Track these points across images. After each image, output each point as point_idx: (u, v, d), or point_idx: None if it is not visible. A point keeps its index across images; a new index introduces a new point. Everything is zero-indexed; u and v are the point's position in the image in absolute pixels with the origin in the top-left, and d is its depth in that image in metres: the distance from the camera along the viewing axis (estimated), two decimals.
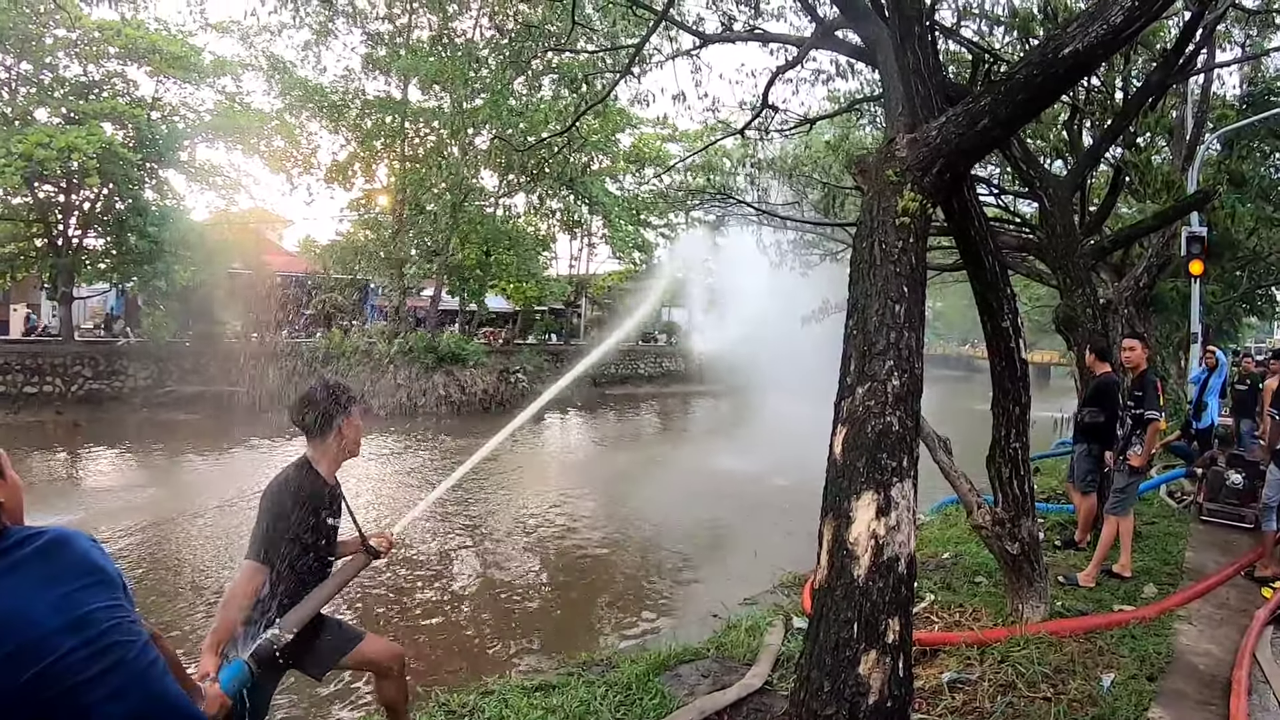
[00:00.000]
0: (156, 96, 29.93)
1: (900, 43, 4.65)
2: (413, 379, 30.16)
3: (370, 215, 36.20)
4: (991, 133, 4.15)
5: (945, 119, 4.17)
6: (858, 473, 3.36)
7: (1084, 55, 3.83)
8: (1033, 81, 3.96)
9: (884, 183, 4.07)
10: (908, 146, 4.16)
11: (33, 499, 8.77)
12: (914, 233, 3.89)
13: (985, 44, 10.00)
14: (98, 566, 1.83)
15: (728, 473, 18.41)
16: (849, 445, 3.44)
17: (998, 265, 4.99)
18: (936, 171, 4.09)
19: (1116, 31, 3.80)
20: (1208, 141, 14.52)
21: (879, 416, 3.40)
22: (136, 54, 27.69)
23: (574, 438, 28.50)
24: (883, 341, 3.54)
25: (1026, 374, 5.26)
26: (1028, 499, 5.45)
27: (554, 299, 44.75)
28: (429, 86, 31.00)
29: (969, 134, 4.06)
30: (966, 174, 4.76)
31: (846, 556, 3.29)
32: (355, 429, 3.66)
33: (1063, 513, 9.48)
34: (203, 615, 9.19)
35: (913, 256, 3.82)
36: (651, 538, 13.40)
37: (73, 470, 19.54)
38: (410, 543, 12.45)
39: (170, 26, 29.23)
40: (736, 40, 8.07)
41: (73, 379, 26.99)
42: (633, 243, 42.54)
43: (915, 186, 4.01)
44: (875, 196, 4.05)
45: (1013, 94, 4.00)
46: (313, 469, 3.57)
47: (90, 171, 24.51)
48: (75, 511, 14.10)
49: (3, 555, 1.73)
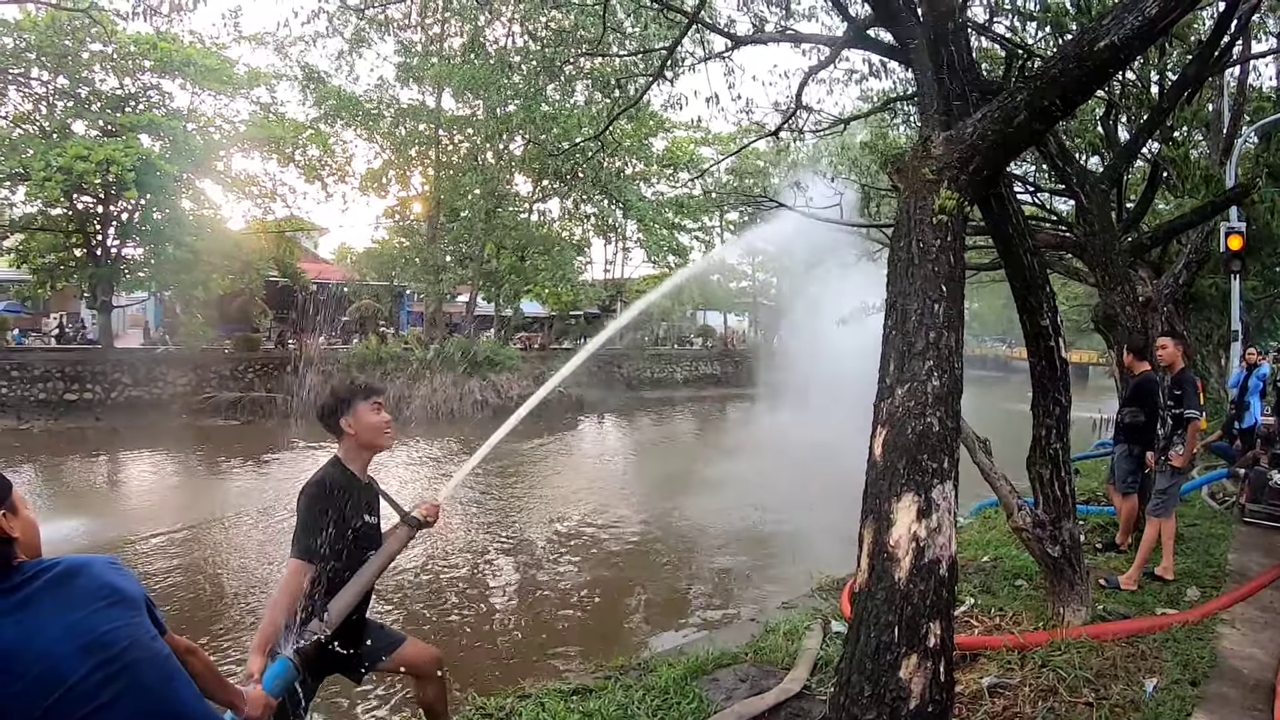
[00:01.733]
0: (192, 108, 30.45)
1: (933, 41, 4.61)
2: (449, 384, 30.34)
3: (405, 222, 36.50)
4: (1028, 129, 4.10)
5: (981, 116, 4.12)
6: (898, 474, 3.32)
7: (1120, 47, 3.78)
8: (1069, 75, 3.91)
9: (920, 181, 4.02)
10: (943, 144, 4.11)
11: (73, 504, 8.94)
12: (952, 231, 3.85)
13: (1018, 39, 9.88)
14: (114, 587, 1.88)
15: (764, 474, 18.32)
16: (889, 446, 3.40)
17: (1036, 263, 4.93)
18: (973, 169, 4.05)
19: (1152, 23, 3.74)
20: (1245, 134, 14.25)
21: (919, 417, 3.37)
22: (171, 67, 28.20)
23: (609, 442, 28.53)
24: (922, 341, 3.50)
25: (1067, 374, 5.19)
26: (1069, 501, 5.37)
27: (589, 304, 44.89)
28: (462, 94, 31.22)
29: (1005, 130, 4.01)
30: (1003, 171, 4.71)
31: (887, 559, 3.26)
32: (366, 423, 3.64)
33: (1103, 514, 9.32)
34: (250, 620, 9.28)
35: (951, 255, 3.77)
36: (688, 541, 13.36)
37: (113, 476, 19.92)
38: (447, 550, 12.50)
39: (205, 39, 29.71)
40: (768, 41, 8.03)
41: (112, 386, 27.51)
42: (668, 246, 42.59)
43: (952, 185, 3.96)
44: (911, 195, 4.01)
45: (1049, 89, 3.95)
46: (344, 467, 3.61)
47: (128, 183, 24.95)
48: (114, 516, 14.31)
49: (17, 589, 1.78)
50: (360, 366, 28.70)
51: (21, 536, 1.85)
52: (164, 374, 28.25)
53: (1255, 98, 15.24)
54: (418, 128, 33.42)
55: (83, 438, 24.15)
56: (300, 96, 32.37)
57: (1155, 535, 6.93)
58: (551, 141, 26.90)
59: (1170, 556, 7.00)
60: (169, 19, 19.11)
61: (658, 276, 46.20)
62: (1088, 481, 12.27)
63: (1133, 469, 7.74)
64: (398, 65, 31.23)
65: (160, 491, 17.86)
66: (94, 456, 21.83)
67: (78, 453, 21.83)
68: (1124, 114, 11.69)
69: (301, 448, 22.06)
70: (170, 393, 27.86)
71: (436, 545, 12.45)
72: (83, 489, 17.39)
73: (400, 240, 36.25)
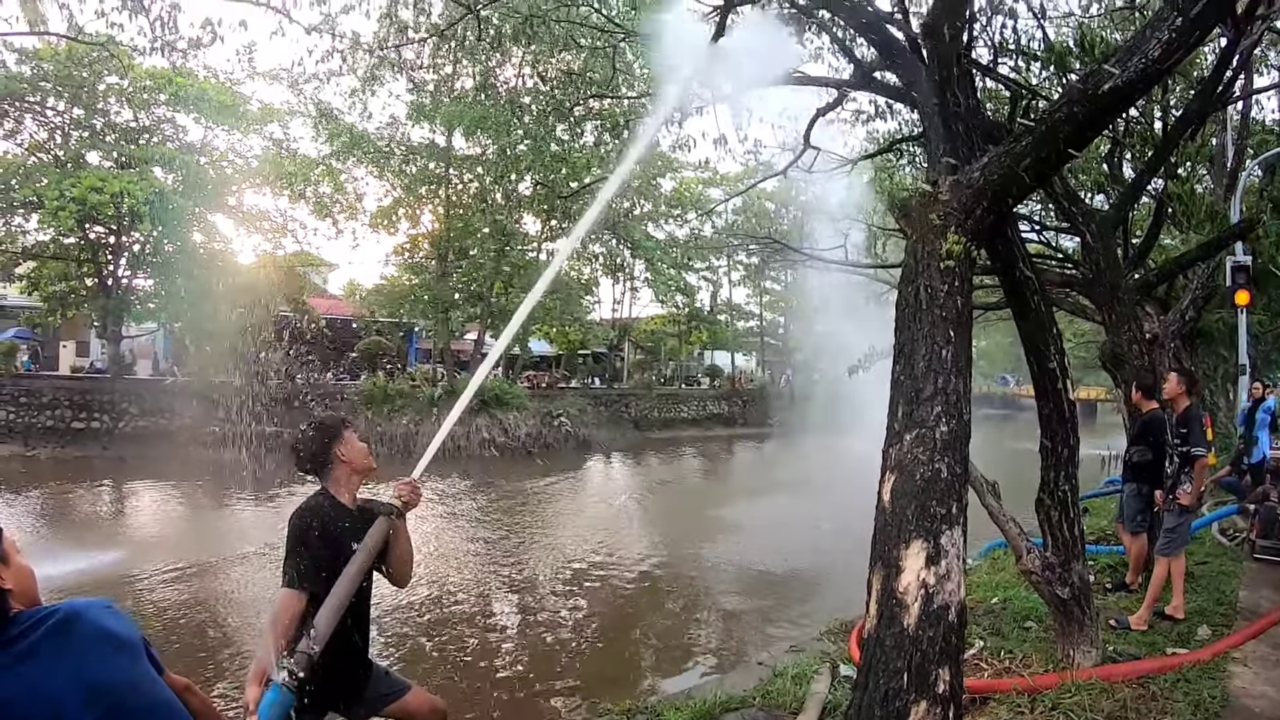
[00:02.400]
0: (205, 142, 30.75)
1: (940, 85, 4.66)
2: (457, 422, 30.17)
3: (415, 260, 36.62)
4: (1034, 172, 4.15)
5: (987, 160, 4.16)
6: (906, 521, 3.33)
7: (1124, 89, 3.84)
8: (1074, 118, 3.96)
9: (927, 226, 4.06)
10: (950, 189, 4.15)
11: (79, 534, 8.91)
12: (959, 276, 3.88)
13: (1022, 79, 9.97)
14: (112, 634, 1.88)
15: (771, 516, 18.25)
16: (897, 493, 3.41)
17: (1044, 305, 4.95)
18: (980, 213, 4.08)
19: (1155, 64, 3.81)
20: (1249, 168, 14.30)
21: (927, 464, 3.38)
22: (186, 102, 28.47)
23: (617, 482, 28.39)
24: (930, 387, 3.52)
25: (1075, 415, 5.20)
26: (1078, 542, 5.35)
27: (597, 343, 45.05)
28: (472, 134, 31.49)
29: (1012, 174, 4.06)
30: (1010, 214, 4.74)
31: (896, 605, 3.25)
32: (355, 449, 3.69)
33: (1113, 554, 9.29)
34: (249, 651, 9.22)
35: (958, 300, 3.80)
36: (696, 582, 13.27)
37: (119, 506, 19.90)
38: (451, 587, 12.44)
39: (219, 74, 30.03)
40: (776, 85, 8.12)
41: (120, 415, 27.59)
42: (675, 286, 42.80)
43: (959, 229, 4.00)
44: (919, 240, 4.04)
45: (1054, 132, 4.00)
46: (332, 496, 3.63)
47: (142, 215, 25.17)
48: (118, 549, 14.27)
49: (15, 641, 1.77)
50: (368, 403, 28.76)
51: (16, 586, 1.84)
52: (172, 405, 28.25)
53: (1258, 131, 15.29)
54: (428, 166, 33.66)
55: (89, 466, 24.14)
56: (313, 133, 32.65)
57: (1165, 574, 6.89)
58: (560, 181, 27.09)
59: (1180, 595, 6.96)
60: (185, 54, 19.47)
61: (665, 316, 46.32)
62: (1097, 520, 12.21)
63: (1142, 508, 7.71)
64: (409, 104, 31.47)
65: (164, 523, 17.84)
66: (99, 485, 21.82)
67: (84, 480, 21.85)
68: (1128, 151, 11.73)
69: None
70: (178, 424, 27.80)
71: (441, 581, 12.41)
72: (87, 518, 17.38)
73: (409, 277, 36.30)
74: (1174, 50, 3.83)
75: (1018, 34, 8.89)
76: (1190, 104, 8.91)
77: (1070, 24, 10.78)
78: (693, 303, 45.58)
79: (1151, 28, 3.96)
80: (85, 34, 13.71)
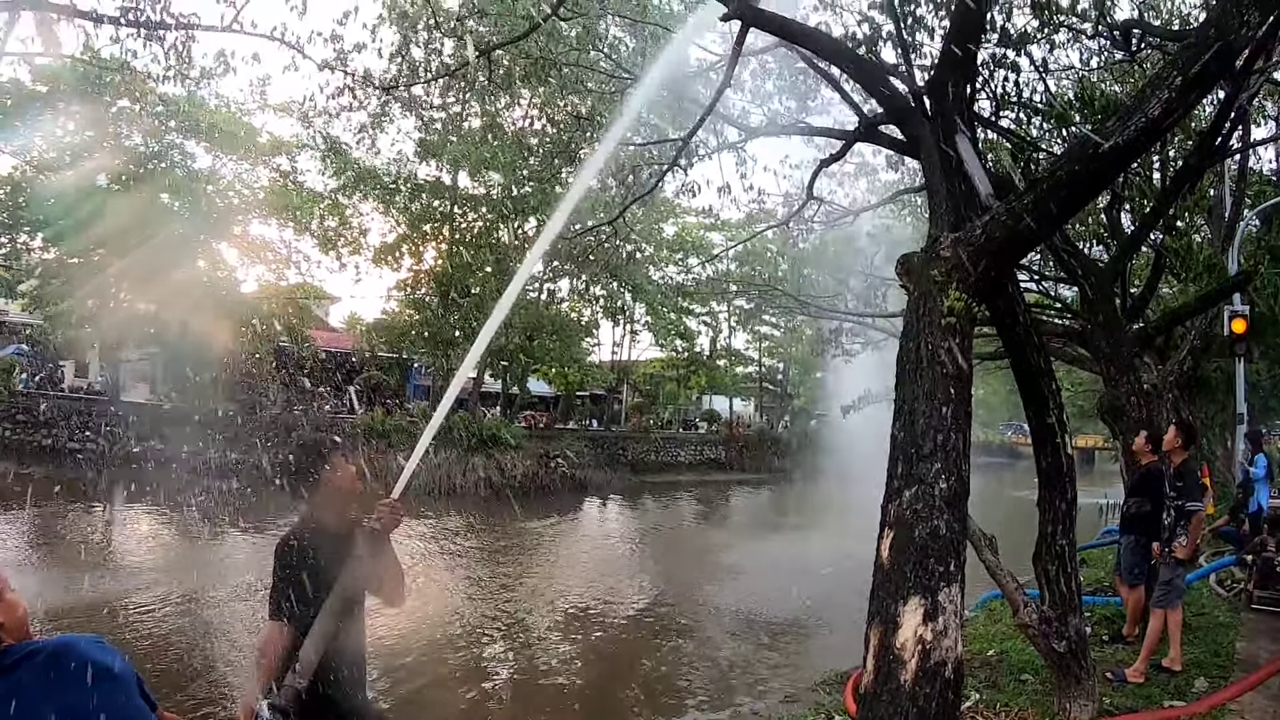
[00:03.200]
0: (213, 170, 30.95)
1: (943, 142, 4.74)
2: (453, 460, 30.15)
3: (416, 296, 36.64)
4: (1035, 229, 4.21)
5: (989, 217, 4.23)
6: (905, 577, 3.36)
7: (1124, 149, 3.92)
8: (1075, 177, 4.04)
9: (929, 283, 4.12)
10: (952, 246, 4.21)
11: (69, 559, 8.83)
12: (960, 332, 3.93)
13: (1024, 133, 10.10)
14: (102, 667, 1.92)
15: (767, 563, 18.20)
16: (896, 549, 3.44)
17: (1042, 360, 5.00)
18: (981, 270, 4.14)
19: (1155, 123, 3.89)
20: (1247, 218, 14.41)
21: (926, 520, 3.41)
22: (196, 130, 28.72)
23: (613, 525, 28.29)
24: (930, 444, 3.56)
25: (1073, 469, 5.23)
26: (1075, 596, 5.36)
27: (596, 385, 45.06)
28: (479, 173, 31.69)
29: (1013, 231, 4.12)
30: (1010, 270, 4.81)
31: (893, 662, 3.27)
32: (345, 471, 3.71)
33: (1109, 605, 9.25)
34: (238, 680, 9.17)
35: (959, 356, 3.85)
36: (690, 628, 13.19)
37: (109, 531, 19.92)
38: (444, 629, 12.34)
39: (230, 104, 30.32)
40: (781, 134, 8.24)
41: (116, 438, 27.50)
42: (675, 330, 42.90)
43: (960, 286, 4.05)
44: (920, 297, 4.10)
45: (1056, 190, 4.07)
46: (316, 520, 3.65)
47: (147, 239, 25.36)
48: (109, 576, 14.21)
49: (7, 672, 1.82)
50: (365, 437, 28.67)
51: (7, 621, 1.88)
52: (168, 431, 28.14)
53: (1256, 182, 15.40)
54: (433, 203, 33.93)
55: (82, 487, 23.97)
56: (320, 166, 32.88)
57: (1160, 626, 6.89)
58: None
59: (1177, 647, 6.95)
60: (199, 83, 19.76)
61: (664, 360, 46.41)
62: (1094, 571, 12.19)
63: (1139, 560, 7.68)
64: (418, 141, 31.73)
65: (151, 552, 17.76)
66: (92, 508, 21.81)
67: (78, 502, 21.88)
68: (1128, 204, 11.85)
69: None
70: (173, 450, 27.68)
71: (433, 622, 12.32)
72: (78, 541, 17.30)
73: (410, 313, 36.26)
74: (1174, 109, 3.92)
75: (1020, 87, 9.04)
76: (1189, 158, 9.01)
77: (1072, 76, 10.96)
78: (692, 347, 45.72)
79: (1152, 86, 4.05)
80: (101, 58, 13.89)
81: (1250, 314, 13.18)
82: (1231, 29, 3.98)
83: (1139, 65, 9.51)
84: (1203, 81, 4.02)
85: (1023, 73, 8.92)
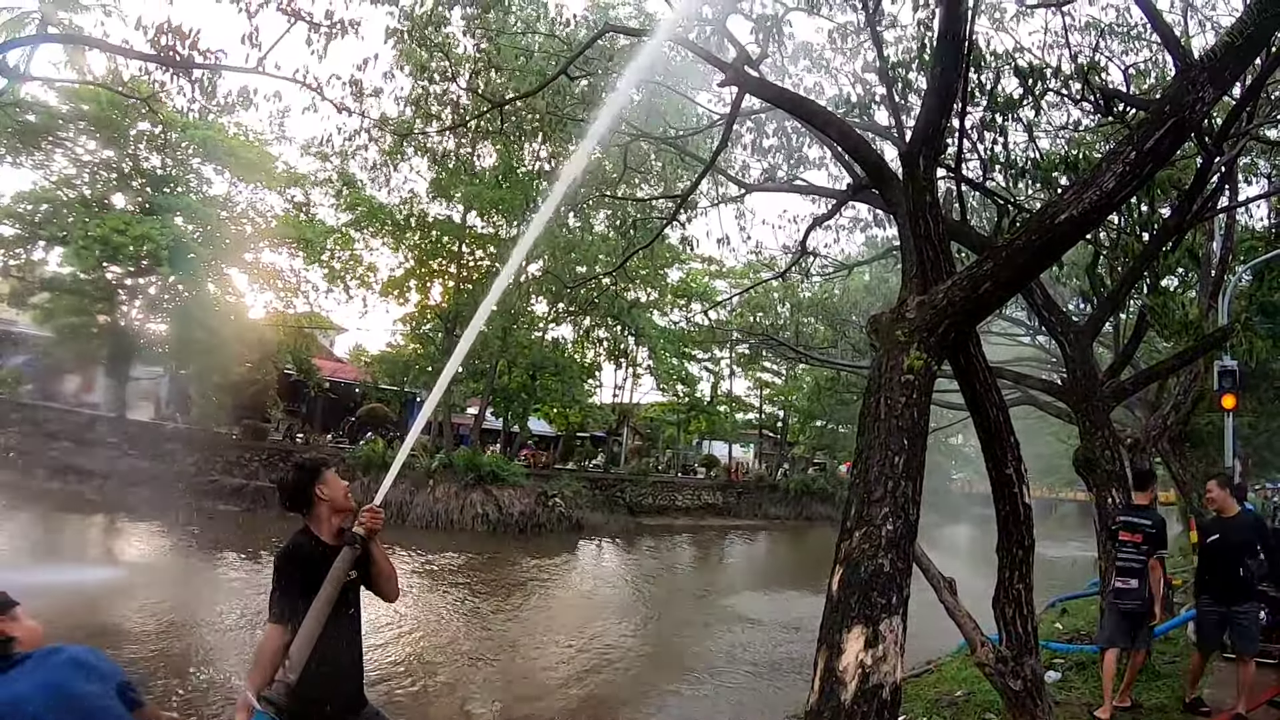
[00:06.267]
0: (228, 196, 31.60)
1: (913, 212, 5.15)
2: (451, 495, 30.32)
3: (421, 331, 36.92)
4: (994, 295, 4.61)
5: (951, 283, 4.61)
6: (850, 608, 3.72)
7: (1080, 220, 4.27)
8: (1031, 247, 4.41)
9: (894, 342, 4.50)
10: (916, 308, 4.61)
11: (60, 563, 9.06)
12: (918, 388, 4.31)
13: (1010, 194, 10.50)
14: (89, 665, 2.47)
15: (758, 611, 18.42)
16: (844, 583, 3.81)
17: (1001, 416, 5.35)
18: (942, 331, 4.52)
19: (1109, 196, 4.24)
20: (1239, 273, 14.59)
21: (872, 558, 3.78)
22: (215, 155, 29.40)
23: (607, 567, 28.21)
24: (880, 490, 3.93)
25: (1030, 518, 5.54)
26: (1031, 637, 5.66)
27: (596, 426, 45.28)
28: (488, 213, 32.21)
29: (972, 297, 4.50)
30: (971, 332, 5.18)
31: (835, 683, 3.62)
32: (336, 488, 3.93)
33: (1082, 653, 9.51)
34: None
35: (915, 411, 4.22)
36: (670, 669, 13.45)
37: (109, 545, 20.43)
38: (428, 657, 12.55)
39: (249, 133, 30.99)
40: (777, 190, 8.67)
41: (120, 455, 27.70)
42: (677, 375, 43.32)
43: (922, 346, 4.43)
44: (885, 354, 4.48)
45: (1013, 259, 4.45)
46: (313, 534, 3.87)
47: (161, 260, 25.93)
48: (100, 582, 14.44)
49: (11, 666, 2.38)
50: (365, 468, 28.90)
51: (23, 637, 2.45)
52: (172, 451, 28.49)
53: (1247, 237, 15.59)
54: (442, 240, 34.36)
55: (84, 500, 24.41)
56: (333, 200, 33.45)
57: None
58: (570, 266, 27.78)
59: None
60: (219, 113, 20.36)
61: (665, 404, 46.70)
62: (1073, 621, 12.47)
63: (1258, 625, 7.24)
64: (430, 181, 32.20)
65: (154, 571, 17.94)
66: (91, 520, 22.28)
67: (78, 513, 22.34)
68: (1114, 261, 12.15)
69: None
70: (175, 470, 27.90)
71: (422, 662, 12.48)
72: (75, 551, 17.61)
73: (415, 347, 36.57)
74: (1128, 182, 4.28)
75: (1007, 150, 9.46)
76: (1168, 219, 9.33)
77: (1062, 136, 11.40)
78: (693, 392, 45.86)
79: (1107, 160, 4.42)
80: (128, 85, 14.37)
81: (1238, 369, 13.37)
82: (1186, 104, 4.35)
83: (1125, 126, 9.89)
84: (1158, 155, 4.33)
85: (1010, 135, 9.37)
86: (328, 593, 3.60)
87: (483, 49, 9.85)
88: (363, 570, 3.90)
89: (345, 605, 3.79)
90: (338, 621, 3.69)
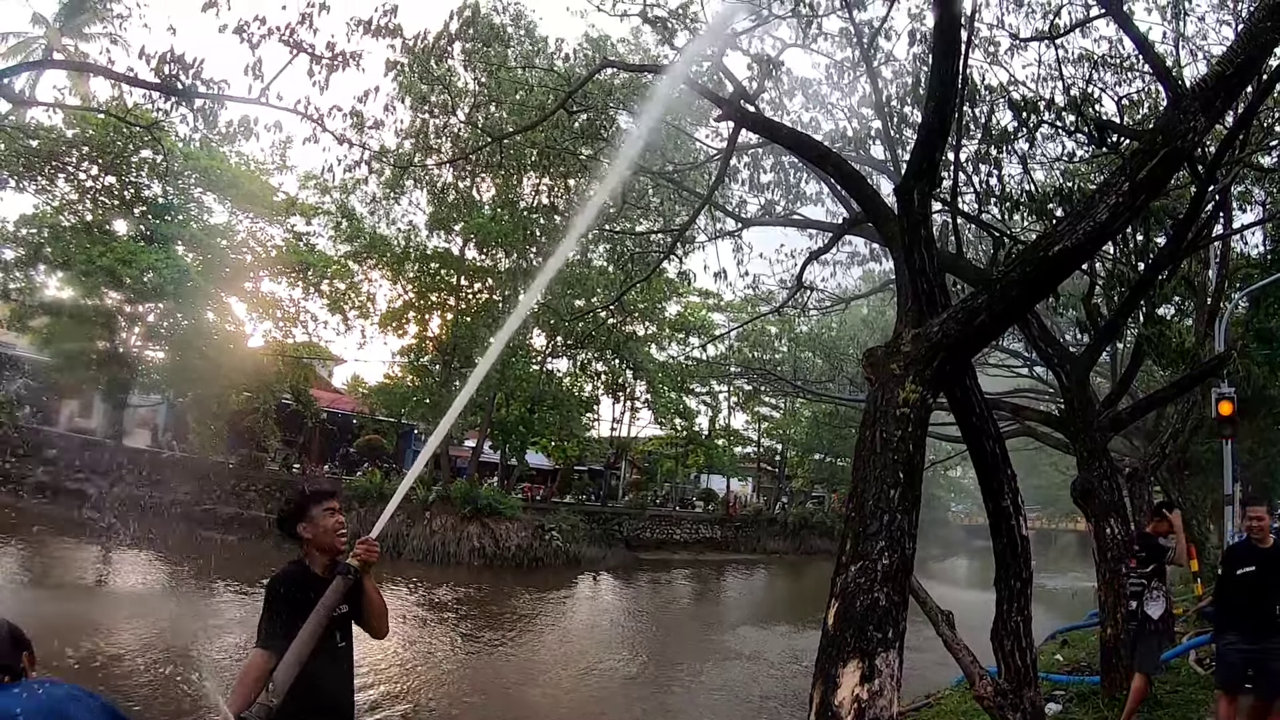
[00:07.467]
0: (228, 225, 31.74)
1: (908, 245, 5.19)
2: (448, 527, 30.14)
3: (419, 363, 36.82)
4: (988, 328, 4.62)
5: (946, 316, 4.63)
6: (846, 643, 3.72)
7: (1073, 252, 4.31)
8: (1025, 279, 4.44)
9: (889, 375, 4.51)
10: (911, 342, 4.62)
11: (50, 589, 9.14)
12: (913, 422, 4.31)
13: (1006, 226, 10.58)
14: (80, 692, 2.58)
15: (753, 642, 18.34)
16: (840, 617, 3.81)
17: (997, 448, 5.36)
18: (938, 364, 4.53)
19: (1104, 227, 4.28)
20: (1235, 300, 14.63)
21: (868, 592, 3.78)
22: (217, 185, 29.60)
23: (604, 601, 28.22)
24: (876, 524, 3.94)
25: (1028, 550, 5.54)
26: (1030, 669, 5.64)
27: (594, 460, 45.34)
28: (486, 246, 32.37)
29: (968, 329, 4.51)
30: (967, 364, 5.21)
31: (832, 718, 3.61)
32: (321, 527, 3.86)
33: (1082, 684, 9.47)
34: None
35: (910, 445, 4.23)
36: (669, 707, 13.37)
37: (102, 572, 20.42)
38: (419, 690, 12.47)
39: (251, 162, 31.19)
40: (774, 224, 8.72)
41: (116, 480, 27.68)
42: (675, 409, 43.30)
43: (917, 379, 4.44)
44: (880, 387, 4.50)
45: (1007, 292, 4.48)
46: (306, 566, 3.86)
47: (163, 290, 26.06)
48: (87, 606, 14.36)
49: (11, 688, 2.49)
50: (361, 500, 28.81)
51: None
52: (167, 478, 28.47)
53: (1243, 265, 15.66)
54: (441, 273, 34.40)
55: (76, 525, 24.29)
56: (333, 231, 33.46)
57: None
58: (569, 299, 27.87)
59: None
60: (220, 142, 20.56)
61: (663, 437, 46.65)
62: (1074, 653, 12.41)
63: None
64: (429, 214, 32.17)
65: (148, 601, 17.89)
66: (83, 546, 22.19)
67: (69, 537, 22.35)
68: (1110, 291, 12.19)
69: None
70: (170, 498, 27.85)
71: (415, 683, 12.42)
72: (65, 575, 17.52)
73: (413, 379, 36.37)
74: (1122, 213, 4.32)
75: (1003, 183, 9.55)
76: (1164, 248, 9.39)
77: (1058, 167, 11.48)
78: (691, 426, 45.79)
79: (1100, 192, 4.47)
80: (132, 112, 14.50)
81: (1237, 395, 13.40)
82: (1178, 134, 4.40)
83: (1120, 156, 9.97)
84: (1151, 185, 4.38)
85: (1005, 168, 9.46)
86: (318, 619, 3.56)
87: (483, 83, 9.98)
88: (354, 604, 3.86)
89: (335, 638, 3.75)
90: (329, 654, 3.66)
